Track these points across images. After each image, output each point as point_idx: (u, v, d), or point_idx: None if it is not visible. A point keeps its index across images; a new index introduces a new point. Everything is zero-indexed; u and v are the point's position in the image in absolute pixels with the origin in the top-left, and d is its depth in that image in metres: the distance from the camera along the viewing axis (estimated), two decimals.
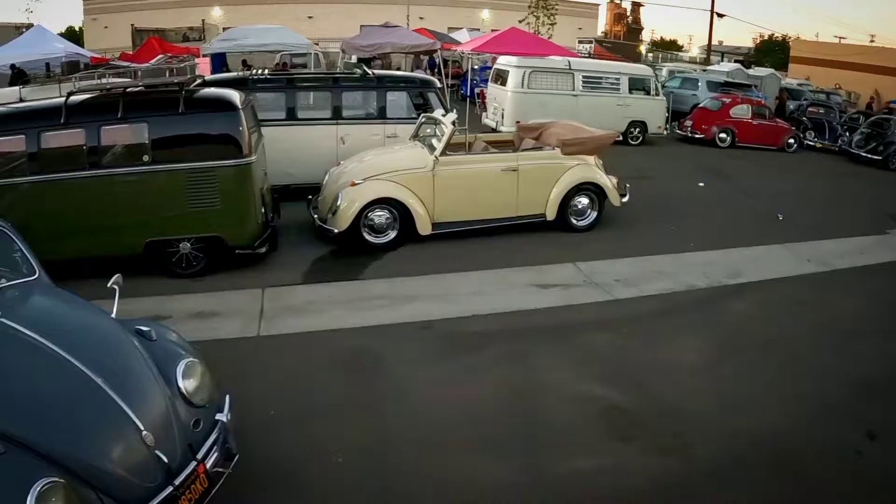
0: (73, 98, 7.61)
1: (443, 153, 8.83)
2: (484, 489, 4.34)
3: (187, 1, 36.76)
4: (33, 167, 7.44)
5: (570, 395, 5.47)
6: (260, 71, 11.63)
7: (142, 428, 3.62)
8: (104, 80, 7.79)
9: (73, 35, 42.86)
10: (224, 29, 28.88)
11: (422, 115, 10.27)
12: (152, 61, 18.22)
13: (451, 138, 8.95)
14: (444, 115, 9.53)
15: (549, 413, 5.22)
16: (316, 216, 8.99)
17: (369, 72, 11.69)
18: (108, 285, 4.63)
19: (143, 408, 3.75)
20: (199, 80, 8.21)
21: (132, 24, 29.94)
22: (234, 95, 8.00)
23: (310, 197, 9.50)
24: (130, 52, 26.29)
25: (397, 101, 11.16)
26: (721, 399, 5.53)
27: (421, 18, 30.27)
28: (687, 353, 6.35)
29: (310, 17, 32.22)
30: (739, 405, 5.43)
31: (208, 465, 3.83)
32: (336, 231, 8.48)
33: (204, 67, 18.39)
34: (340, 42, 19.59)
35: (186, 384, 4.10)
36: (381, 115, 11.05)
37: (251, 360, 5.94)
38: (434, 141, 9.16)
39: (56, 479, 3.29)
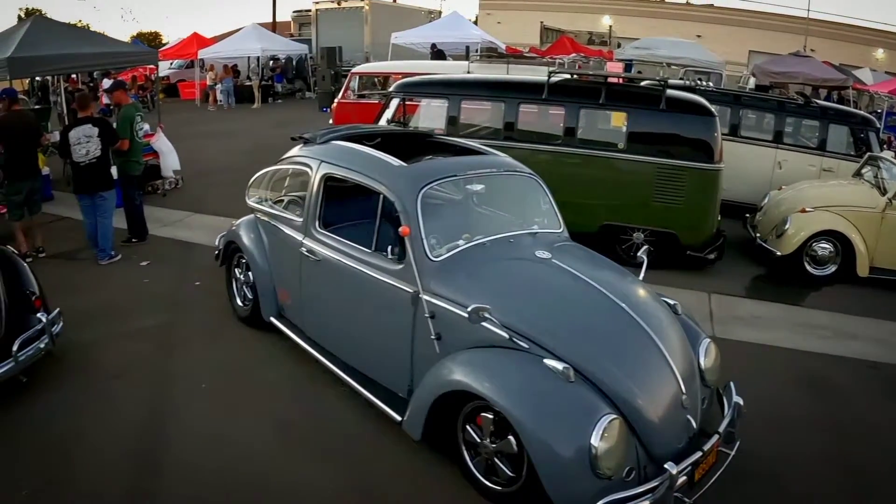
0: (554, 78, 8.37)
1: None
2: None
3: (582, 7, 38.56)
4: (509, 134, 8.29)
5: None
6: (705, 83, 11.96)
7: (683, 390, 3.83)
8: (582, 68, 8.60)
9: None
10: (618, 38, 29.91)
11: (867, 153, 9.84)
12: (566, 58, 19.43)
13: None
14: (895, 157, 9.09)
15: None
16: (757, 235, 9.10)
17: (813, 100, 11.43)
18: (639, 254, 5.08)
19: (683, 371, 3.94)
20: (664, 82, 8.70)
21: (541, 22, 31.95)
22: (707, 102, 8.26)
23: (747, 215, 9.64)
24: (538, 48, 28.23)
25: (838, 135, 10.77)
26: None
27: (812, 51, 28.40)
28: None
29: (698, 36, 31.87)
30: None
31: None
32: (779, 254, 8.50)
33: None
34: (751, 66, 19.20)
35: (705, 361, 4.33)
36: (820, 146, 10.75)
37: None
38: (885, 182, 8.71)
39: (616, 416, 3.52)
